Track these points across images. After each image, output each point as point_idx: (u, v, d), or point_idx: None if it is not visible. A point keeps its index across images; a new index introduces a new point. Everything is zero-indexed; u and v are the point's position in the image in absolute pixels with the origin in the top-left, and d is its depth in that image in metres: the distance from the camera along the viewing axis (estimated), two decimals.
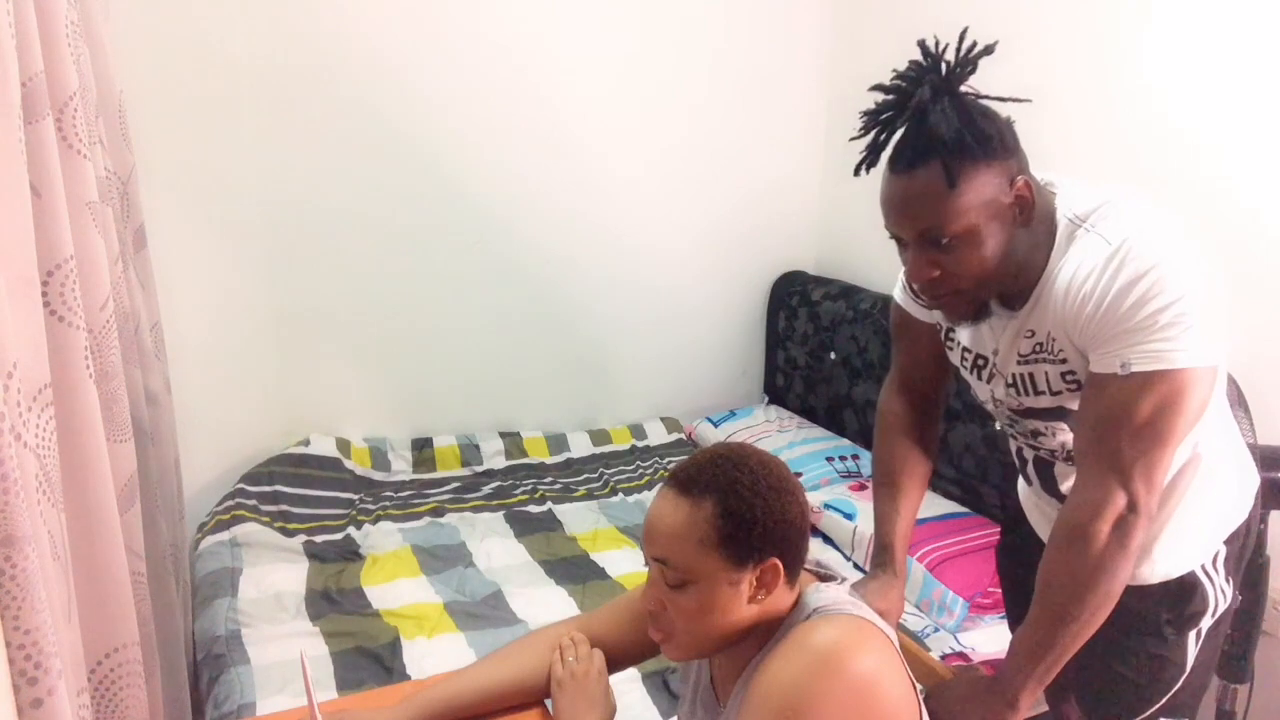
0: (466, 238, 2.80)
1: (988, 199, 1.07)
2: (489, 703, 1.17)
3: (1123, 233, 1.07)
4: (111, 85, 1.69)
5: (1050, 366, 1.17)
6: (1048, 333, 1.16)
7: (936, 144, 1.06)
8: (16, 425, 0.93)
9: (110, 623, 1.27)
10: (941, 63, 1.10)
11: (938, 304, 1.19)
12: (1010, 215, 1.10)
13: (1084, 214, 1.12)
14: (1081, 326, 1.10)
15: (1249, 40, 1.90)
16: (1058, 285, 1.12)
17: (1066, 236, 1.13)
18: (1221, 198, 1.96)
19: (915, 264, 1.13)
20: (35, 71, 1.11)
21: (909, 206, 1.10)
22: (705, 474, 0.97)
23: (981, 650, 1.99)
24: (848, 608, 1.01)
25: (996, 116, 1.10)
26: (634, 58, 2.89)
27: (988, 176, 1.07)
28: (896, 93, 1.11)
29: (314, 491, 2.54)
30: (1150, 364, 1.04)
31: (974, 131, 1.06)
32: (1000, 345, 1.23)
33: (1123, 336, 1.06)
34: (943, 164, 1.05)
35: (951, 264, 1.10)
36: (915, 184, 1.08)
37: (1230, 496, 1.27)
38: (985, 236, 1.09)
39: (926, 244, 1.11)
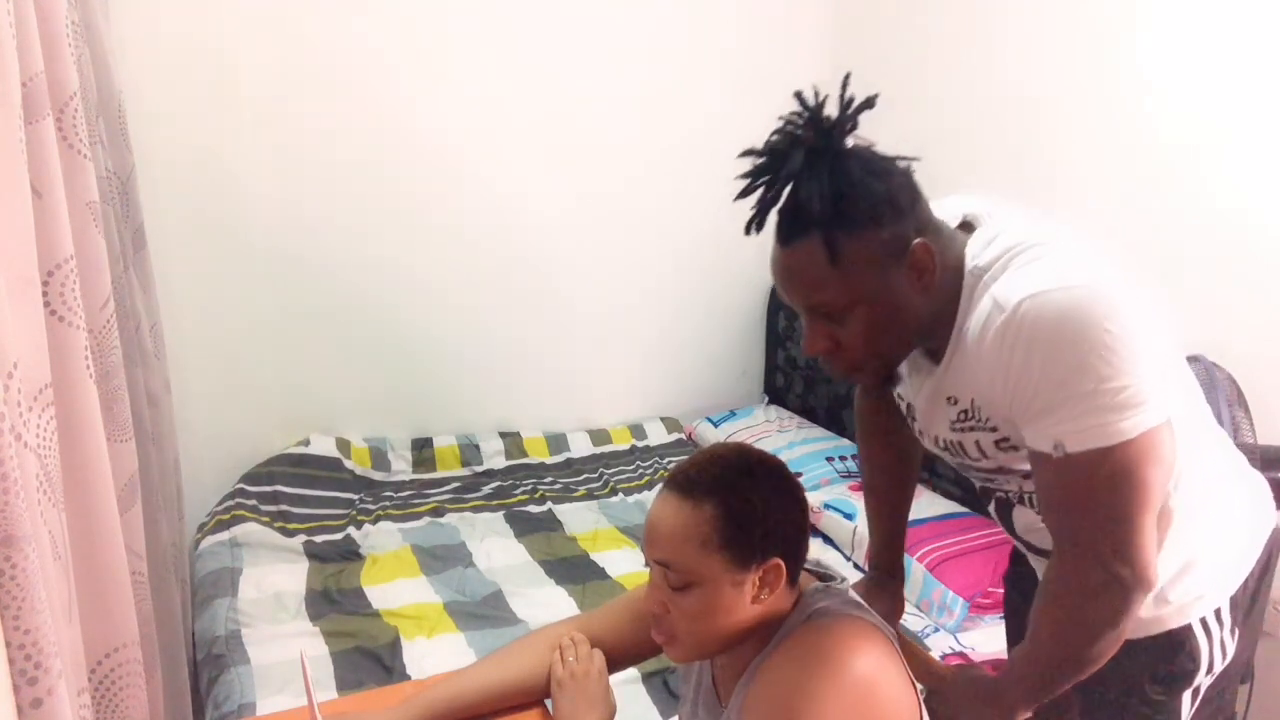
0: (467, 238, 2.79)
1: (877, 270, 0.97)
2: (489, 703, 1.17)
3: (1017, 293, 0.94)
4: (111, 85, 1.69)
5: (982, 434, 1.07)
6: (971, 400, 1.05)
7: (812, 217, 0.96)
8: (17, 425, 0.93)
9: (110, 623, 1.27)
10: (820, 122, 0.99)
11: (838, 376, 1.11)
12: (907, 283, 0.99)
13: (986, 265, 1.00)
14: (996, 402, 1.00)
15: (1246, 40, 1.90)
16: (966, 349, 1.01)
17: (970, 291, 1.01)
18: (1221, 198, 1.96)
19: (809, 337, 1.04)
20: (35, 71, 1.11)
21: (792, 281, 1.01)
22: (706, 475, 0.97)
23: (981, 650, 1.99)
24: (848, 608, 1.01)
25: (889, 173, 0.99)
26: (635, 57, 2.89)
27: (875, 246, 0.96)
28: (770, 155, 1.01)
29: (314, 491, 2.54)
30: (1082, 444, 0.92)
31: (858, 199, 0.95)
32: (920, 403, 1.14)
33: (1044, 415, 0.94)
34: (823, 238, 0.95)
35: (846, 337, 1.01)
36: (796, 258, 0.99)
37: (1230, 544, 1.13)
38: (879, 309, 0.99)
39: (818, 317, 1.02)
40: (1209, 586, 1.10)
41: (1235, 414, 1.60)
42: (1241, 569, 1.13)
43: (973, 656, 1.97)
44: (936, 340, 1.05)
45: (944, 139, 2.63)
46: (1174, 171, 2.05)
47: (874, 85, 1.13)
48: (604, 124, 2.90)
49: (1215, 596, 1.10)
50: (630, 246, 3.04)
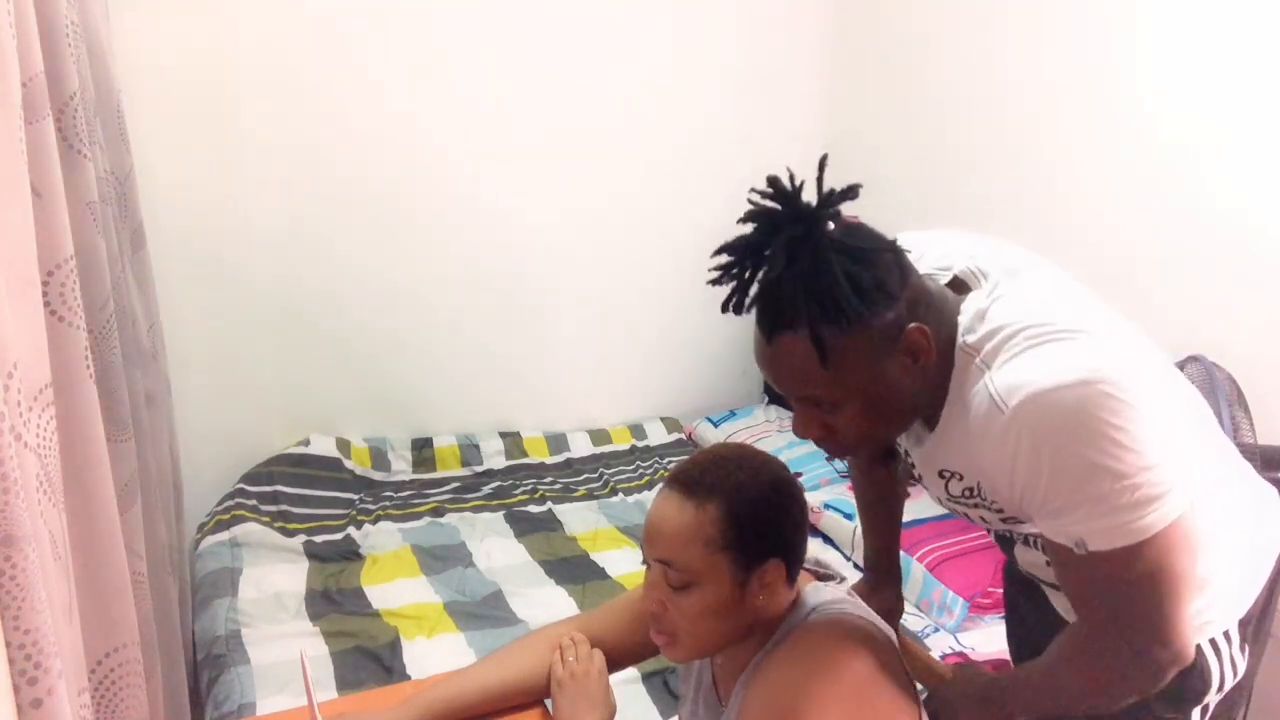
0: (467, 238, 2.79)
1: (870, 361, 0.92)
2: (490, 703, 1.17)
3: (1014, 392, 0.90)
4: (110, 85, 1.69)
5: (987, 511, 1.04)
6: (977, 482, 1.01)
7: (798, 316, 0.90)
8: (17, 425, 0.93)
9: (110, 622, 1.27)
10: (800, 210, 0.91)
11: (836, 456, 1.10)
12: (901, 368, 0.94)
13: (976, 345, 0.96)
14: (1001, 494, 0.97)
15: (1246, 40, 1.90)
16: (968, 442, 0.97)
17: (960, 370, 0.97)
18: (1221, 198, 1.96)
19: (801, 424, 0.99)
20: (35, 71, 1.11)
21: (780, 375, 0.96)
22: (709, 476, 0.97)
23: (981, 650, 1.99)
24: (846, 607, 1.01)
25: (875, 253, 0.92)
26: (634, 58, 2.89)
27: (867, 339, 0.91)
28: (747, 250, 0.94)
29: (314, 491, 2.54)
30: (1107, 543, 0.89)
31: (845, 295, 0.88)
32: (920, 466, 1.11)
33: (1060, 514, 0.91)
34: (812, 336, 0.89)
35: (840, 424, 0.97)
36: (782, 353, 0.93)
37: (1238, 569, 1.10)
38: (872, 396, 0.94)
39: (809, 405, 0.98)
40: (1219, 609, 1.07)
41: (1235, 414, 1.59)
42: (1252, 589, 1.10)
43: (973, 656, 1.97)
44: (933, 411, 1.01)
45: (944, 139, 2.63)
46: (1174, 171, 2.05)
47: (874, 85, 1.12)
48: (603, 125, 2.90)
49: (1225, 619, 1.08)
50: (630, 247, 3.04)
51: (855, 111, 3.03)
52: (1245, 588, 1.10)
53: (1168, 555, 0.89)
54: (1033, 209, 2.38)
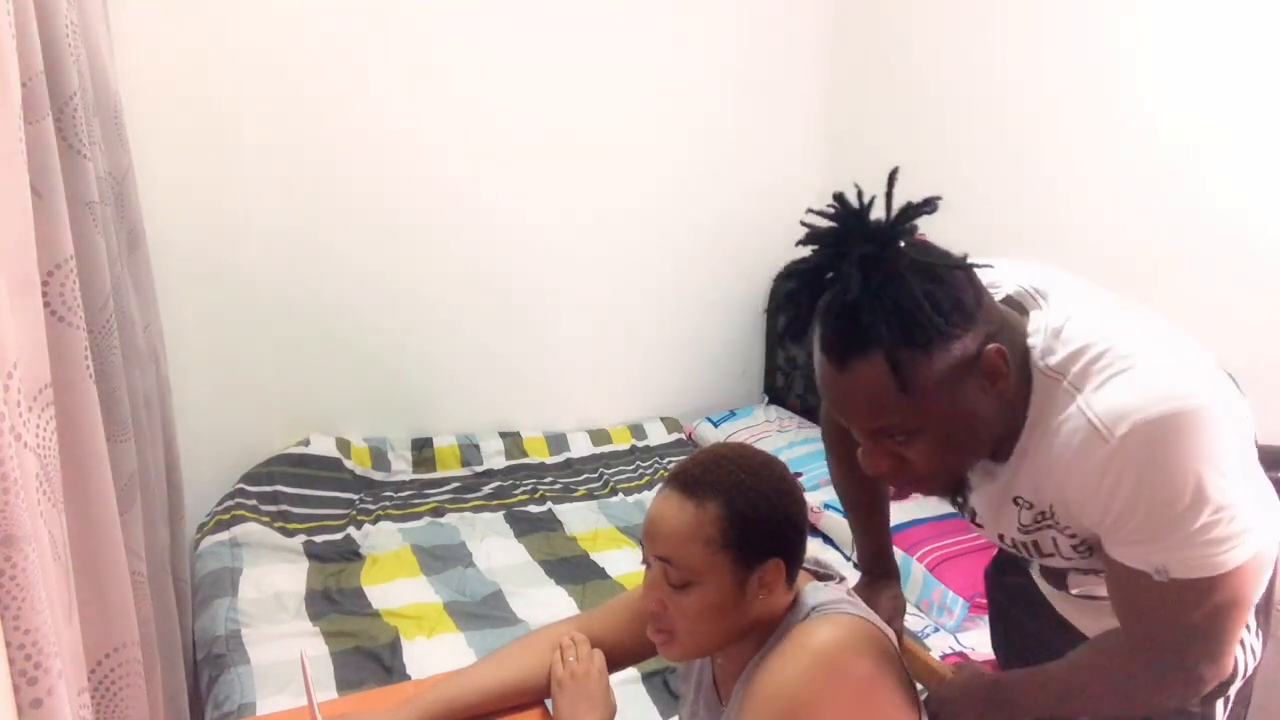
0: (467, 238, 2.79)
1: (949, 385, 0.88)
2: (490, 703, 1.17)
3: (1118, 416, 0.87)
4: (108, 85, 1.69)
5: (1058, 535, 1.01)
6: (1050, 506, 0.99)
7: (876, 339, 0.85)
8: (17, 425, 0.93)
9: (110, 622, 1.27)
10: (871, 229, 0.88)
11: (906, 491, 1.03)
12: (979, 392, 0.90)
13: (1060, 368, 0.92)
14: (1084, 519, 0.94)
15: (1246, 40, 1.90)
16: (1050, 462, 0.94)
17: (1045, 392, 0.93)
18: (1221, 198, 1.96)
19: (871, 458, 0.95)
20: (35, 71, 1.11)
21: (853, 405, 0.91)
22: (710, 475, 0.97)
23: (981, 650, 1.99)
24: (846, 607, 1.01)
25: (948, 275, 0.88)
26: (635, 58, 2.89)
27: (946, 363, 0.87)
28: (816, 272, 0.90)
29: (314, 491, 2.54)
30: (1189, 572, 0.88)
31: (924, 318, 0.85)
32: (982, 503, 1.08)
33: (1147, 541, 0.89)
34: (888, 361, 0.85)
35: (914, 456, 0.93)
36: (856, 382, 0.88)
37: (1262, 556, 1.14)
38: (950, 424, 0.90)
39: (880, 437, 0.93)
40: None
41: None
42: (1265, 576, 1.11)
43: (972, 656, 1.97)
44: (1003, 442, 0.97)
45: (944, 139, 2.63)
46: (1174, 171, 2.05)
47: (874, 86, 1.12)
48: (603, 125, 2.90)
49: None
50: (630, 246, 3.04)
51: (855, 111, 3.03)
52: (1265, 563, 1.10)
53: (1244, 587, 0.90)
54: (1033, 209, 2.38)
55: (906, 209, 0.88)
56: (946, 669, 1.28)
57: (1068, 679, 1.04)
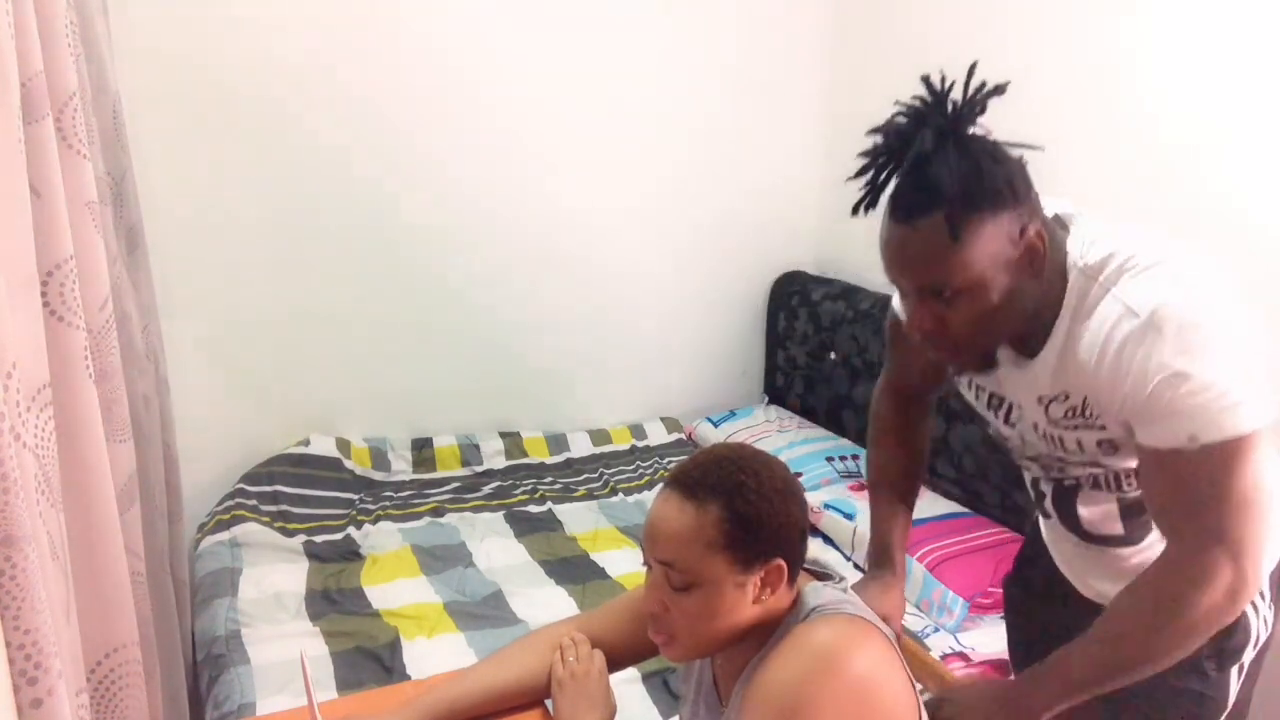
0: (467, 238, 2.79)
1: (994, 251, 1.00)
2: (490, 704, 1.17)
3: (1150, 300, 0.99)
4: (107, 86, 1.69)
5: (1085, 433, 1.10)
6: (1084, 399, 1.08)
7: (939, 195, 0.98)
8: (16, 425, 0.93)
9: (110, 623, 1.27)
10: (947, 102, 1.01)
11: (940, 356, 1.13)
12: (1019, 266, 1.02)
13: (1096, 266, 1.05)
14: (1123, 403, 1.02)
15: (1247, 40, 1.90)
16: (1083, 353, 1.04)
17: (1079, 288, 1.05)
18: (1221, 198, 1.96)
19: (917, 316, 1.06)
20: (35, 71, 1.11)
21: (909, 259, 1.03)
22: (710, 477, 0.97)
23: (981, 650, 1.99)
24: (846, 607, 1.01)
25: (1007, 159, 1.02)
26: (635, 58, 2.89)
27: (995, 228, 0.99)
28: (896, 135, 1.03)
29: (314, 491, 2.54)
30: (1223, 433, 0.97)
31: (981, 181, 0.98)
32: (1019, 395, 1.17)
33: (1183, 413, 0.98)
34: (946, 216, 0.98)
35: (954, 317, 1.04)
36: (916, 236, 1.01)
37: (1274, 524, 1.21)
38: (991, 290, 1.02)
39: (928, 296, 1.04)
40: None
41: None
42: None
43: (972, 656, 1.97)
44: (1032, 333, 1.08)
45: None
46: (1174, 171, 2.05)
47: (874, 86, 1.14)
48: (602, 126, 2.90)
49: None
50: (630, 246, 3.04)
51: (855, 111, 3.03)
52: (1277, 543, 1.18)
53: (1264, 451, 0.98)
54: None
55: (980, 90, 1.02)
56: (947, 669, 1.28)
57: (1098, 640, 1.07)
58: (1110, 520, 1.19)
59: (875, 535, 1.41)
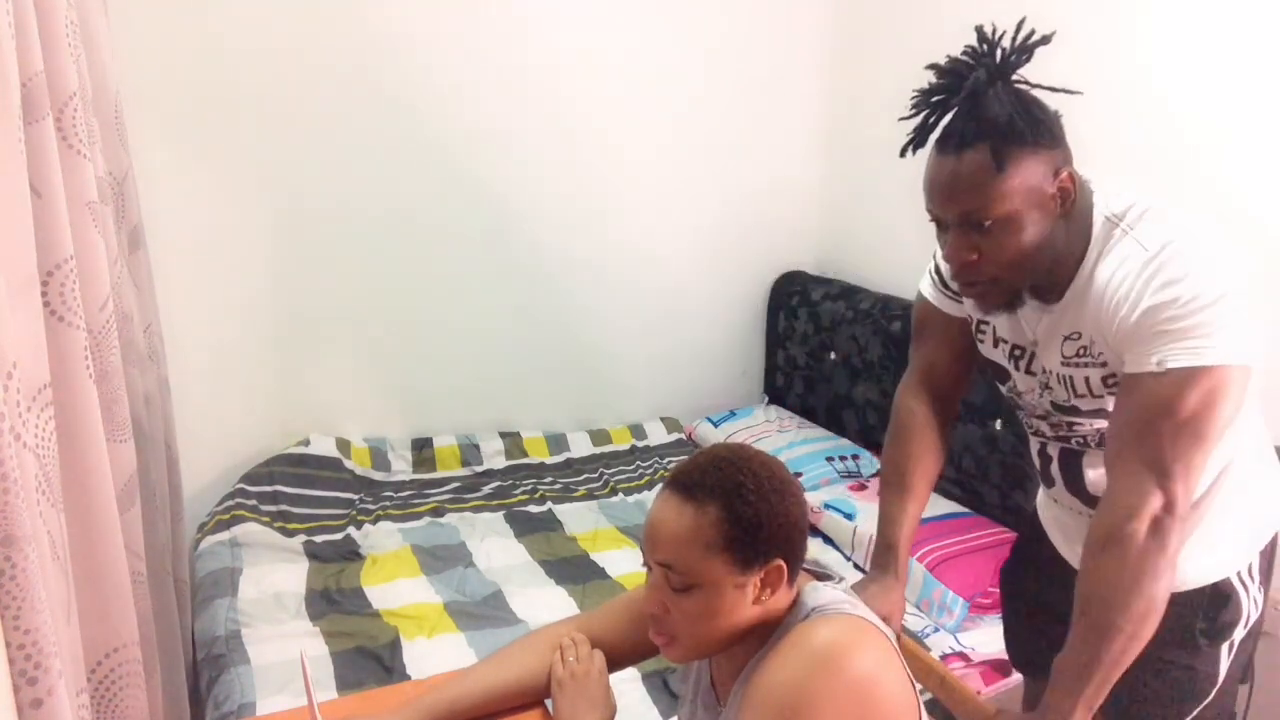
0: (466, 238, 2.80)
1: (1032, 186, 1.08)
2: (490, 704, 1.17)
3: (1161, 239, 1.08)
4: (107, 85, 1.69)
5: (1092, 370, 1.17)
6: (1091, 338, 1.15)
7: (988, 127, 1.07)
8: (16, 425, 0.93)
9: (110, 622, 1.27)
10: (998, 49, 1.11)
11: (971, 291, 1.19)
12: (1052, 205, 1.10)
13: (1120, 213, 1.13)
14: (1116, 329, 1.10)
15: (1248, 40, 1.90)
16: (1095, 287, 1.12)
17: (1103, 235, 1.13)
18: (1228, 200, 1.96)
19: (955, 246, 1.13)
20: (35, 71, 1.11)
21: (955, 188, 1.10)
22: (709, 478, 0.97)
23: (981, 650, 1.99)
24: (846, 607, 1.01)
25: (1047, 108, 1.12)
26: (635, 57, 2.89)
27: (1034, 164, 1.08)
28: (951, 74, 1.12)
29: (314, 491, 2.54)
30: (1187, 360, 1.04)
31: (1026, 118, 1.07)
32: (1039, 337, 1.23)
33: (1160, 336, 1.05)
34: (992, 147, 1.06)
35: (990, 249, 1.11)
36: (963, 166, 1.08)
37: (1264, 504, 1.26)
38: (1026, 223, 1.09)
39: (968, 227, 1.11)
40: (1248, 540, 1.24)
41: None
42: (1270, 528, 1.26)
43: (972, 656, 1.97)
44: (1055, 277, 1.16)
45: None
46: (1174, 171, 2.05)
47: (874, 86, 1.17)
48: (603, 126, 2.90)
49: (1251, 550, 1.24)
50: (630, 247, 3.04)
51: (855, 112, 3.03)
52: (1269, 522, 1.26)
53: (1223, 389, 1.04)
54: None
55: (1029, 38, 1.12)
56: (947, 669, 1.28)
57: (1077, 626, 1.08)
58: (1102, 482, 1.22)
59: (882, 534, 1.39)
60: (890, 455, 1.43)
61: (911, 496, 1.38)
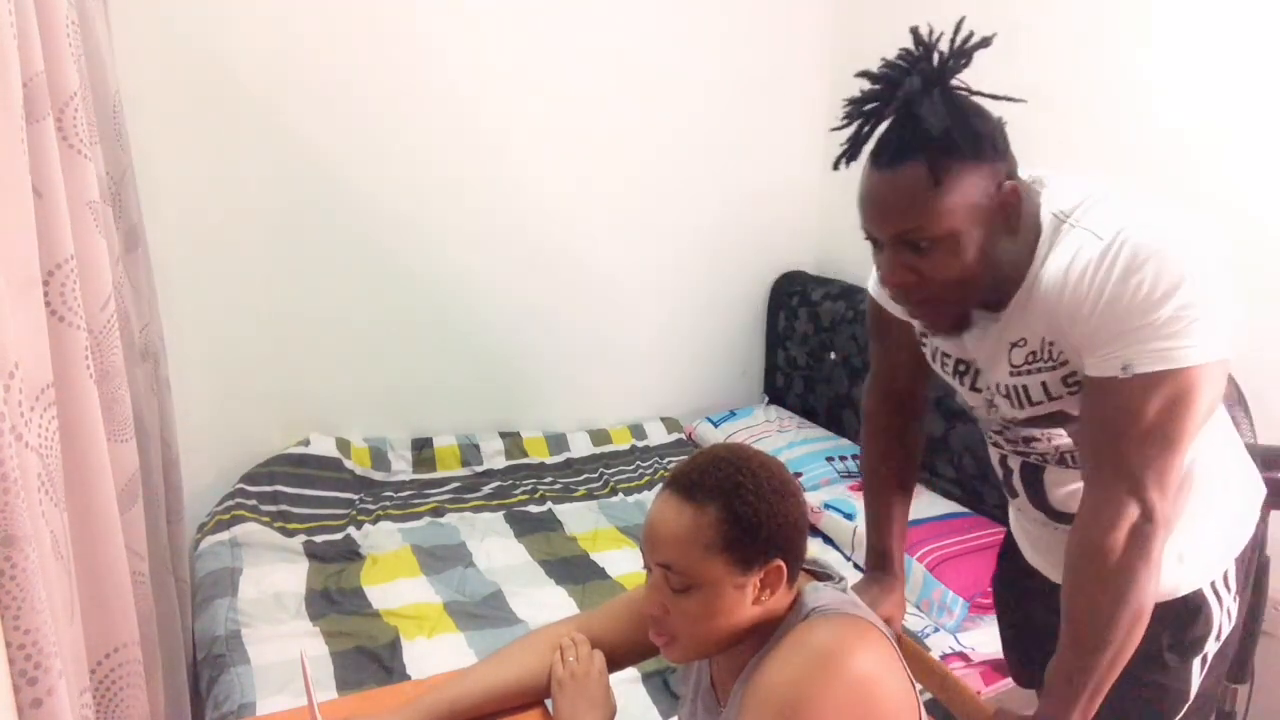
0: (467, 237, 2.79)
1: (973, 202, 1.00)
2: (491, 704, 1.17)
3: (1115, 225, 1.00)
4: (106, 85, 1.69)
5: (1048, 374, 1.09)
6: (1042, 339, 1.08)
7: (923, 140, 0.98)
8: (18, 425, 0.93)
9: (111, 622, 1.27)
10: (934, 53, 1.02)
11: (913, 313, 1.13)
12: (995, 221, 1.02)
13: (1068, 209, 1.05)
14: (1079, 327, 1.02)
15: (1247, 40, 1.90)
16: (1046, 285, 1.04)
17: (1051, 234, 1.05)
18: (1219, 198, 1.96)
19: (891, 267, 1.05)
20: (35, 71, 1.11)
21: (889, 205, 1.02)
22: (708, 479, 0.97)
23: (981, 650, 1.99)
24: (846, 607, 1.01)
25: (989, 116, 1.04)
26: (635, 57, 2.89)
27: (975, 178, 1.00)
28: (884, 81, 1.03)
29: (314, 491, 2.54)
30: (1153, 364, 0.97)
31: (964, 129, 0.99)
32: (981, 352, 1.16)
33: (1123, 336, 0.98)
34: (928, 161, 0.98)
35: (929, 269, 1.03)
36: (898, 181, 1.00)
37: (1236, 509, 1.21)
38: (967, 242, 1.01)
39: (904, 246, 1.03)
40: (1221, 548, 1.17)
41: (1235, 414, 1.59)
42: (1244, 533, 1.20)
43: (972, 656, 1.97)
44: (1005, 290, 1.08)
45: None
46: (1174, 171, 2.05)
47: None
48: (602, 126, 2.90)
49: (1225, 558, 1.17)
50: (630, 246, 3.04)
51: None
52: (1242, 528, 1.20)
53: (1195, 390, 0.97)
54: None
55: (966, 40, 1.04)
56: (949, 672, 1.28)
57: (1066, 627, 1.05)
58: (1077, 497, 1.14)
59: (872, 537, 1.40)
60: (864, 460, 1.43)
61: (893, 496, 1.38)
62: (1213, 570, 1.16)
